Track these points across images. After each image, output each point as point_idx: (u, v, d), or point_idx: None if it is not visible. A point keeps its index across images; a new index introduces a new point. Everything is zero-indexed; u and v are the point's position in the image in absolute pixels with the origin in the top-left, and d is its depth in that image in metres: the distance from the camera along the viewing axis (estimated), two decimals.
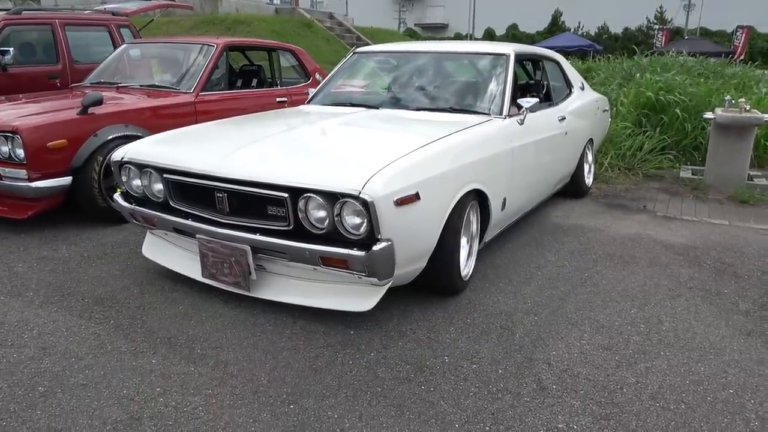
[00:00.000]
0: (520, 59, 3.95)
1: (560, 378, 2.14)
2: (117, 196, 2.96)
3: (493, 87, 3.44)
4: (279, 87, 5.78)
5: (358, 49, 4.30)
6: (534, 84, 4.34)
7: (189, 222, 2.59)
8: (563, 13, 38.90)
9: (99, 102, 3.91)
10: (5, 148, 3.60)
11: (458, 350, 2.33)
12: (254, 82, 5.80)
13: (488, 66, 3.60)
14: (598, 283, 3.05)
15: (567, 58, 11.83)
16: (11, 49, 6.11)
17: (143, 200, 2.85)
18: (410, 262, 2.42)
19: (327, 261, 2.25)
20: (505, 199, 3.10)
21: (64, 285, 2.90)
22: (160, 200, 2.76)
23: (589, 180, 4.97)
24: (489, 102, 3.35)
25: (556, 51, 4.92)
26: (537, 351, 2.33)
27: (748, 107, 5.10)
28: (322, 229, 2.27)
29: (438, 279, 2.68)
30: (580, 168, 4.63)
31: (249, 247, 2.40)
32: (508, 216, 3.32)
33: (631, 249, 3.60)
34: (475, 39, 31.25)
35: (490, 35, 37.61)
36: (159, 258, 2.97)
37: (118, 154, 2.89)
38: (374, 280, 2.25)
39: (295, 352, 2.27)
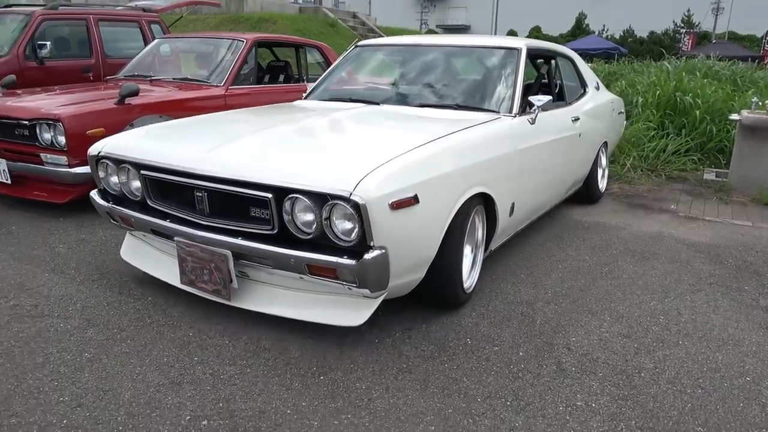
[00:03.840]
0: (532, 55, 3.67)
1: (579, 361, 2.21)
2: (93, 194, 2.75)
3: (502, 83, 3.22)
4: (305, 82, 5.91)
5: (361, 42, 4.07)
6: (546, 82, 4.06)
7: (167, 223, 2.38)
8: (587, 16, 38.57)
9: (135, 93, 4.07)
10: (48, 135, 3.77)
11: (480, 333, 2.41)
12: (281, 77, 5.94)
13: (498, 61, 3.38)
14: (619, 277, 3.10)
15: (591, 61, 11.77)
16: (48, 43, 6.33)
17: (121, 199, 2.66)
18: (407, 273, 2.20)
19: (314, 269, 2.05)
20: (513, 204, 2.88)
21: (104, 264, 3.04)
22: (138, 199, 2.57)
23: (602, 185, 4.76)
24: (498, 99, 3.13)
25: (580, 54, 4.88)
26: (557, 336, 2.40)
27: None
28: (309, 234, 2.07)
29: (438, 291, 2.47)
30: (593, 172, 4.41)
31: (230, 252, 2.20)
32: (517, 222, 3.10)
33: (652, 246, 3.64)
34: None
35: None
36: (137, 261, 2.78)
37: (95, 147, 2.67)
38: (366, 291, 2.04)
39: (323, 329, 2.37)
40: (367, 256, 1.95)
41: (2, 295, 2.65)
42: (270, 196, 2.08)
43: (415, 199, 2.09)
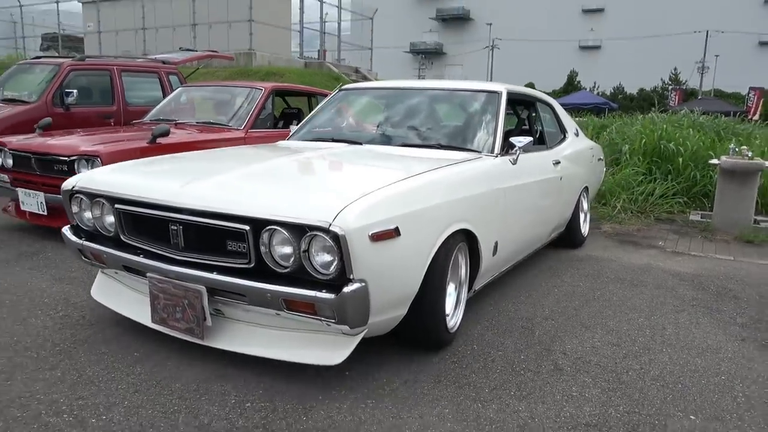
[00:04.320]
0: (513, 100, 3.74)
1: (574, 363, 2.49)
2: (65, 230, 2.69)
3: (484, 124, 3.28)
4: None
5: (345, 86, 4.16)
6: (527, 128, 4.16)
7: (140, 259, 2.34)
8: (579, 74, 40.19)
9: (166, 133, 4.45)
10: (85, 170, 4.12)
11: (485, 341, 2.69)
12: (294, 122, 6.38)
13: (479, 103, 3.43)
14: (610, 299, 3.39)
15: (582, 115, 12.38)
16: (74, 91, 6.80)
17: (94, 235, 2.61)
18: (388, 308, 2.15)
19: (291, 305, 2.00)
20: (497, 243, 2.87)
21: None
22: (112, 235, 2.51)
23: (584, 229, 4.79)
24: (479, 139, 3.19)
25: (572, 108, 5.29)
26: (554, 344, 2.68)
27: (750, 154, 5.50)
28: (286, 267, 2.03)
29: (421, 329, 2.42)
30: (575, 216, 4.44)
31: (204, 288, 2.14)
32: (500, 263, 3.09)
33: (641, 275, 3.94)
34: None
35: None
36: (107, 300, 2.71)
37: (69, 182, 2.64)
38: (345, 328, 1.99)
39: None
40: (347, 289, 1.91)
41: (51, 307, 2.92)
42: (247, 228, 2.04)
43: (396, 232, 2.06)
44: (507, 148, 3.16)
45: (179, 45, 15.03)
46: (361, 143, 3.34)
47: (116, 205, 2.42)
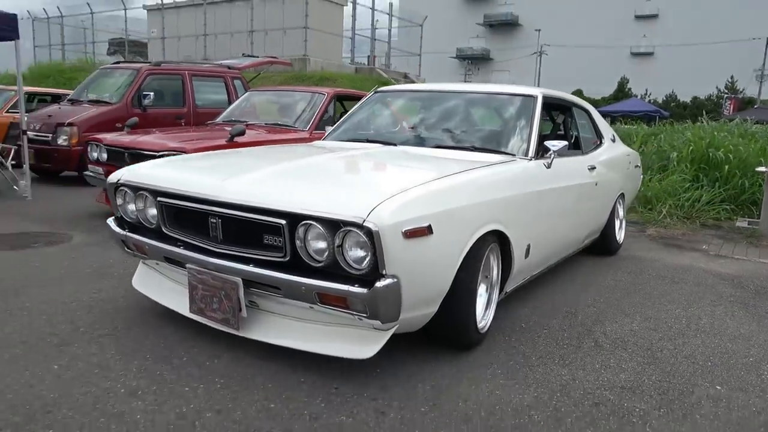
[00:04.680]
0: (548, 104, 3.73)
1: (613, 342, 2.78)
2: (110, 221, 2.86)
3: (518, 128, 3.32)
4: None
5: (381, 88, 4.23)
6: (562, 133, 4.17)
7: (180, 250, 2.45)
8: (630, 80, 39.47)
9: (242, 133, 4.94)
10: None
11: (532, 321, 3.01)
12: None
13: (514, 107, 3.48)
14: (650, 293, 3.64)
15: (632, 123, 12.35)
16: (151, 93, 7.45)
17: (137, 227, 2.75)
18: (419, 305, 2.20)
19: (324, 298, 2.07)
20: (529, 246, 2.89)
21: None
22: (153, 227, 2.64)
23: (620, 236, 4.74)
24: (514, 142, 3.24)
25: (621, 115, 5.46)
26: (595, 327, 2.98)
27: None
28: (320, 262, 2.09)
29: (451, 328, 2.46)
30: (610, 223, 4.43)
31: (240, 280, 2.24)
32: (533, 266, 3.12)
33: (682, 274, 4.16)
34: None
35: None
36: (148, 290, 2.83)
37: (114, 176, 2.77)
38: (376, 322, 2.04)
39: None
40: (379, 284, 1.95)
41: None
42: (283, 222, 2.11)
43: (429, 230, 2.10)
44: (542, 152, 3.18)
45: (237, 51, 15.87)
46: (395, 144, 3.41)
47: (158, 198, 2.54)
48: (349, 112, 4.15)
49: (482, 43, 56.75)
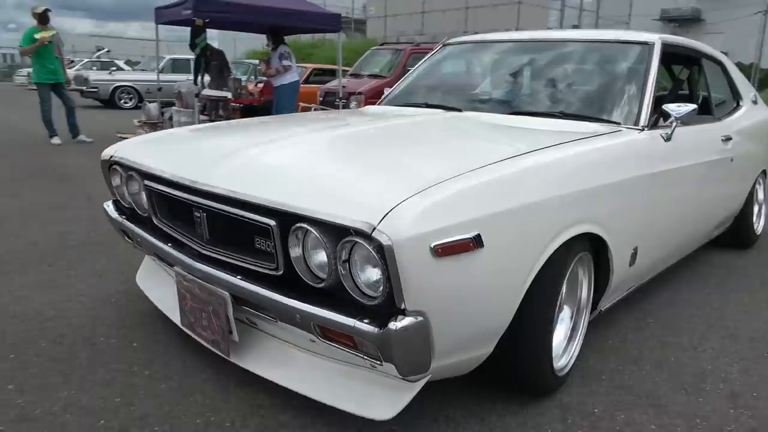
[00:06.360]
0: (669, 54, 2.82)
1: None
2: (107, 204, 2.41)
3: (626, 87, 2.55)
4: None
5: (450, 40, 3.53)
6: (687, 93, 3.33)
7: (167, 248, 1.96)
8: None
9: None
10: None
11: (638, 338, 2.51)
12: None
13: (621, 59, 2.70)
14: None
15: None
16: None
17: (136, 216, 2.28)
18: (464, 348, 1.58)
19: (327, 332, 1.50)
20: (636, 249, 2.22)
21: None
22: (147, 216, 2.17)
23: (758, 225, 3.90)
24: (619, 107, 2.49)
25: None
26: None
27: None
28: (322, 280, 1.53)
29: (515, 372, 1.84)
30: (747, 208, 3.61)
31: (229, 295, 1.71)
32: (640, 273, 2.43)
33: None
34: None
35: None
36: (148, 290, 2.41)
37: (107, 152, 2.32)
38: (393, 371, 1.43)
39: None
40: (393, 325, 1.35)
41: None
42: (272, 223, 1.56)
43: (476, 242, 1.45)
44: (658, 118, 2.50)
45: (449, 28, 17.11)
46: (460, 110, 2.78)
47: (145, 182, 2.08)
48: (411, 70, 3.51)
49: (692, 2, 49.22)
